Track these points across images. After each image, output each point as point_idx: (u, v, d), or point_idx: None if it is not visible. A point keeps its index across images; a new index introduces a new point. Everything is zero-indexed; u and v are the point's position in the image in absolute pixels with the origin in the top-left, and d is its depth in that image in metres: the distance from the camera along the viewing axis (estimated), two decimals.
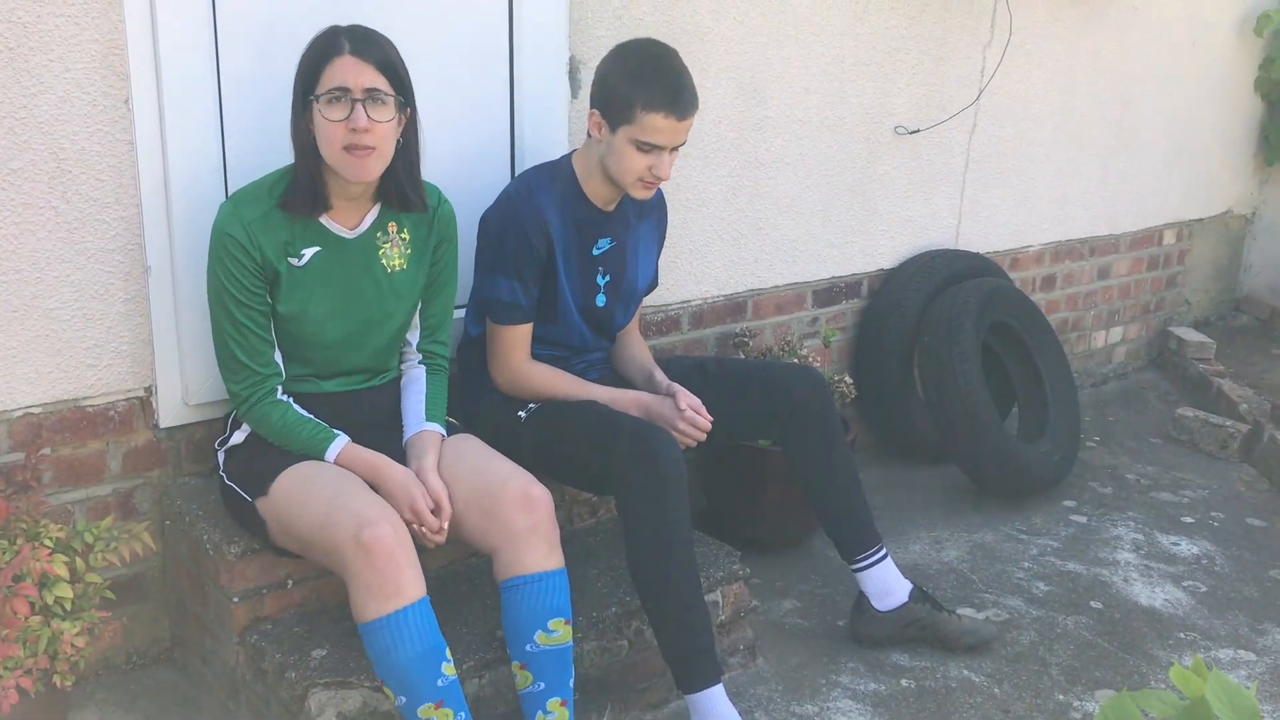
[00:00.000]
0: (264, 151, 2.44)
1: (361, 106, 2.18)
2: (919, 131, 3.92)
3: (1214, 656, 2.91)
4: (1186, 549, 3.52)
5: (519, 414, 2.63)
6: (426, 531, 2.24)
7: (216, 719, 2.51)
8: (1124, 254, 4.94)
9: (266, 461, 2.31)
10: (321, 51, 2.20)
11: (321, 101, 2.18)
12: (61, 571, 2.18)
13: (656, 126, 2.49)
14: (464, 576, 2.66)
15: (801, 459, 2.81)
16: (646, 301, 3.10)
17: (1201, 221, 5.33)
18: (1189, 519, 3.73)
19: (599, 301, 2.75)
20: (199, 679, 2.59)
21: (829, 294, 3.84)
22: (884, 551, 2.84)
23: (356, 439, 2.33)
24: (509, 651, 2.28)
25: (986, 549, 3.45)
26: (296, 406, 2.33)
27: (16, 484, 2.33)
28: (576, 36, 3.01)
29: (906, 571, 2.94)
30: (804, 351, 3.48)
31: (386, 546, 2.08)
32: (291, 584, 2.47)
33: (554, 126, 2.99)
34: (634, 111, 2.48)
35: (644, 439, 2.42)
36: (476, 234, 2.68)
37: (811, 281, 3.77)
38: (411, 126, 2.31)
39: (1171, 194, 5.08)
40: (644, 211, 2.82)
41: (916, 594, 2.85)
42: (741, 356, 3.43)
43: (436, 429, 2.42)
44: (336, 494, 2.18)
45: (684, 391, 2.65)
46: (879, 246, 3.94)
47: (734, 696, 2.50)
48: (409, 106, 2.28)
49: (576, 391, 2.66)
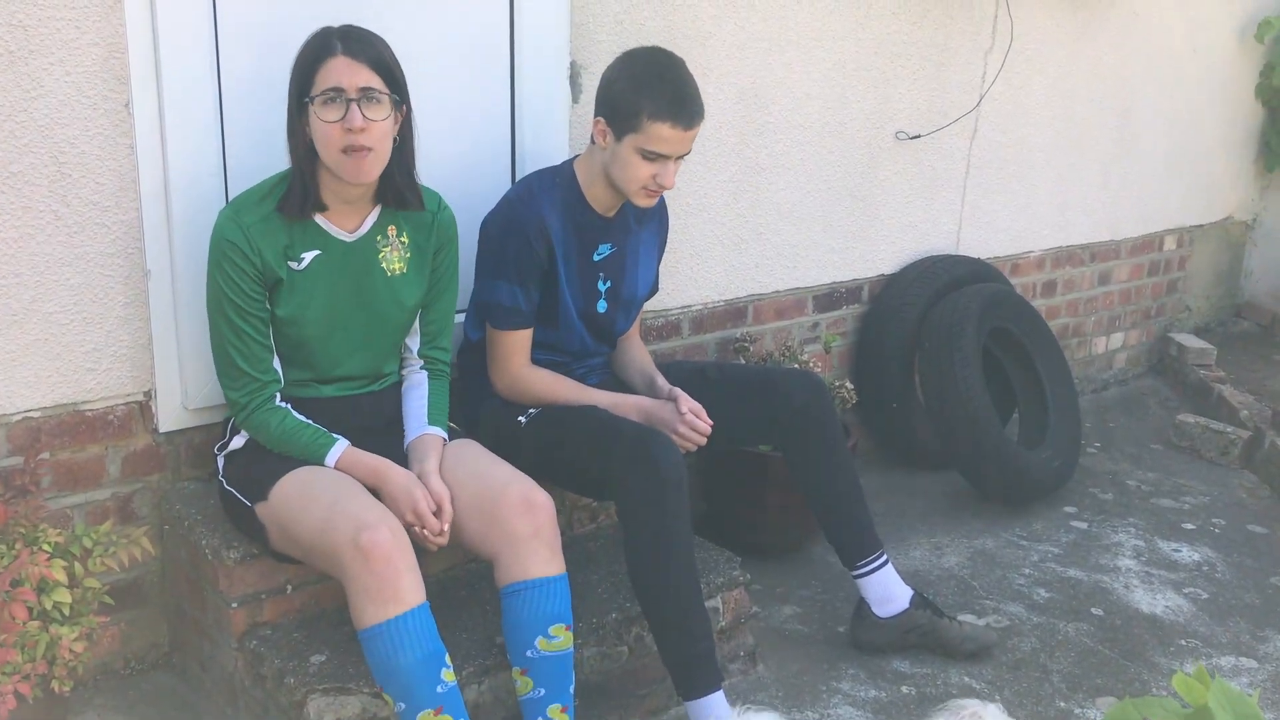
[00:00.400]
0: (264, 155, 2.43)
1: (356, 106, 2.17)
2: (920, 137, 3.91)
3: (1215, 664, 2.90)
4: (1188, 556, 3.51)
5: (519, 419, 2.63)
6: (428, 534, 2.24)
7: None
8: (1125, 260, 4.94)
9: (266, 466, 2.30)
10: (314, 53, 2.20)
11: (316, 103, 2.18)
12: (60, 576, 2.17)
13: (663, 136, 2.49)
14: (463, 582, 2.65)
15: (802, 464, 2.80)
16: (647, 306, 3.09)
17: (1202, 227, 5.33)
18: (1190, 525, 3.72)
19: (600, 307, 2.74)
20: (198, 684, 2.58)
21: (830, 299, 3.83)
22: (885, 557, 2.83)
23: (357, 444, 2.32)
24: (509, 657, 2.28)
25: (987, 555, 3.45)
26: (295, 413, 2.32)
27: (15, 488, 2.32)
28: (577, 41, 3.01)
29: (907, 578, 2.93)
30: (804, 357, 3.47)
31: (385, 551, 2.08)
32: (291, 589, 2.46)
33: (554, 131, 2.99)
34: (640, 120, 2.48)
35: (644, 444, 2.42)
36: (477, 238, 2.67)
37: (812, 287, 3.77)
38: (407, 125, 2.30)
39: (1172, 200, 5.07)
40: (645, 217, 2.81)
41: (917, 600, 2.85)
42: (742, 362, 3.43)
43: (438, 433, 2.42)
44: (336, 499, 2.18)
45: (685, 395, 2.64)
46: (880, 252, 3.94)
47: (734, 703, 2.49)
48: (404, 104, 2.28)
49: (577, 396, 2.65)
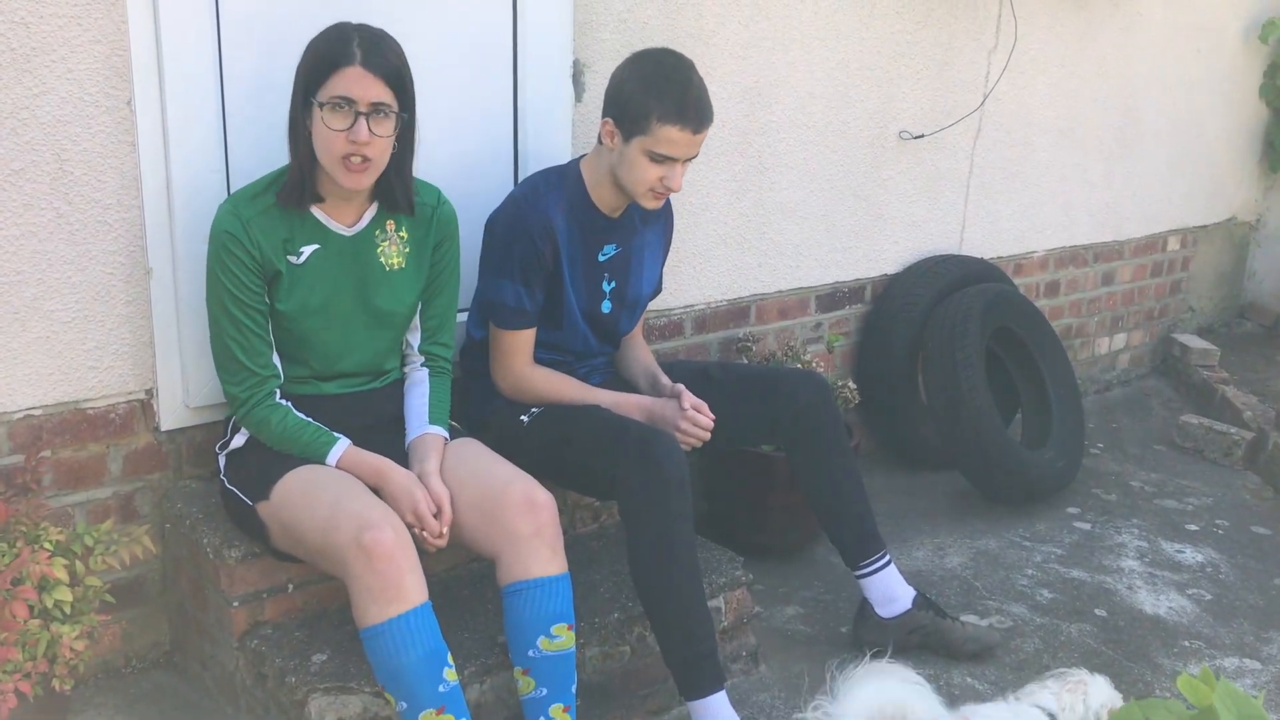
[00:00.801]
0: (267, 153, 2.43)
1: (365, 120, 2.16)
2: (923, 136, 3.91)
3: (1219, 665, 2.89)
4: (1191, 557, 3.50)
5: (522, 418, 2.62)
6: (428, 536, 2.23)
7: None
8: (1128, 260, 4.93)
9: (267, 465, 2.29)
10: (331, 56, 2.17)
11: (325, 109, 2.17)
12: (61, 575, 2.17)
13: (672, 139, 2.48)
14: (466, 581, 2.65)
15: (805, 464, 2.80)
16: (650, 306, 3.09)
17: (1206, 228, 5.32)
18: (1193, 526, 3.71)
19: (604, 308, 2.74)
20: (199, 683, 2.58)
21: (833, 299, 3.83)
22: (887, 558, 2.82)
23: (358, 442, 2.32)
24: (511, 657, 2.27)
25: (990, 555, 3.44)
26: (295, 411, 2.32)
27: (16, 486, 2.32)
28: (580, 40, 3.00)
29: (910, 578, 2.93)
30: (807, 357, 3.47)
31: (388, 550, 2.07)
32: (292, 588, 2.45)
33: (558, 130, 2.99)
34: (649, 123, 2.47)
35: (647, 444, 2.41)
36: (482, 237, 2.67)
37: (815, 286, 3.76)
38: (407, 130, 2.29)
39: (1176, 200, 5.07)
40: (650, 218, 2.81)
41: (920, 601, 2.84)
42: (745, 361, 3.42)
43: (439, 432, 2.41)
44: (338, 497, 2.17)
45: (688, 392, 2.64)
46: (883, 251, 3.93)
47: (737, 703, 2.49)
48: (409, 115, 2.27)
49: (580, 396, 2.65)
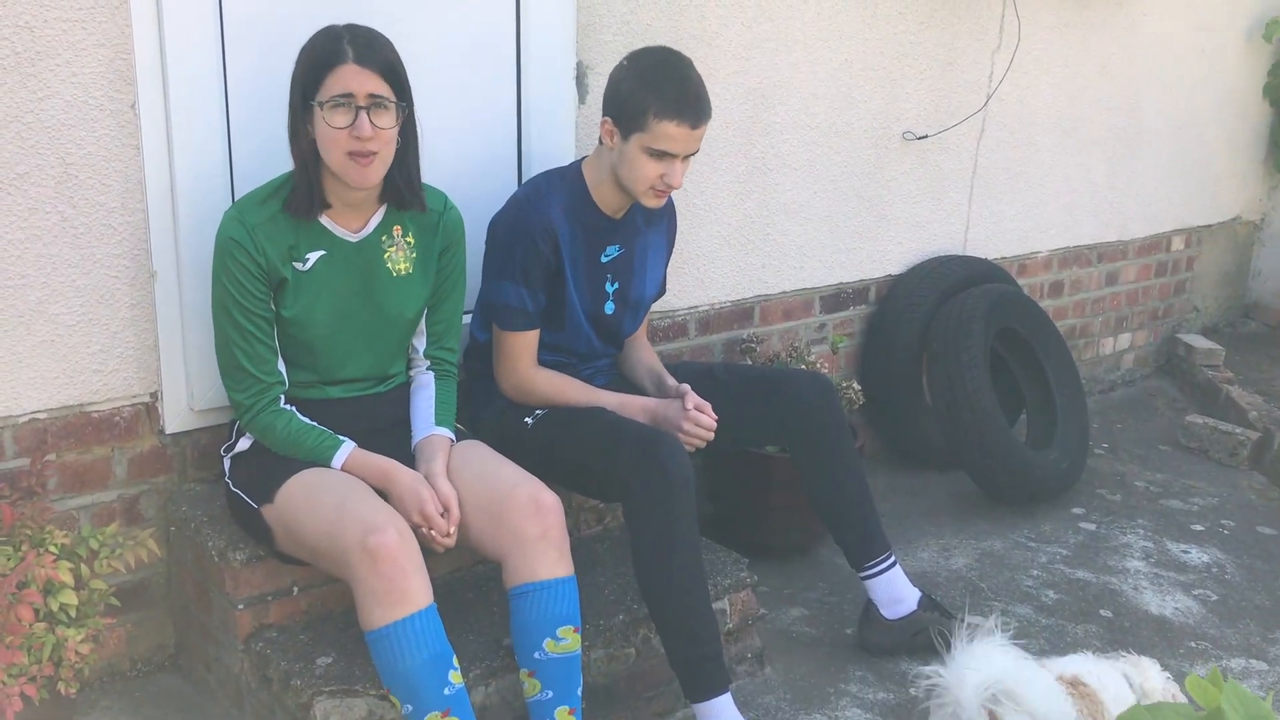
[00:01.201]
0: (270, 156, 2.43)
1: (365, 114, 2.17)
2: (927, 137, 3.90)
3: (1225, 666, 2.89)
4: (1197, 557, 3.49)
5: (526, 420, 2.62)
6: (436, 535, 2.23)
7: None
8: (1132, 260, 4.92)
9: (272, 468, 2.29)
10: (323, 57, 2.19)
11: (325, 109, 2.17)
12: (66, 578, 2.17)
13: (670, 134, 2.48)
14: (470, 583, 2.65)
15: (809, 466, 2.79)
16: (654, 307, 3.08)
17: (1210, 228, 5.31)
18: (1199, 527, 3.71)
19: (608, 309, 2.74)
20: (203, 686, 2.58)
21: (837, 300, 3.82)
22: (892, 559, 2.82)
23: (363, 445, 2.32)
24: (517, 659, 2.27)
25: (995, 557, 3.43)
26: (300, 415, 2.32)
27: (22, 490, 2.32)
28: (584, 42, 3.00)
29: (915, 579, 2.92)
30: (812, 358, 3.47)
31: (392, 553, 2.07)
32: (297, 591, 2.46)
33: (561, 132, 2.99)
34: (647, 119, 2.47)
35: (651, 445, 2.41)
36: (484, 239, 2.67)
37: (819, 287, 3.76)
38: (409, 125, 2.30)
39: (1179, 200, 5.06)
40: (653, 219, 2.81)
41: (925, 602, 2.84)
42: (749, 363, 3.42)
43: (445, 433, 2.41)
44: (343, 500, 2.17)
45: (692, 392, 2.64)
46: (887, 252, 3.93)
47: (742, 705, 2.49)
48: (408, 108, 2.27)
49: (583, 398, 2.64)
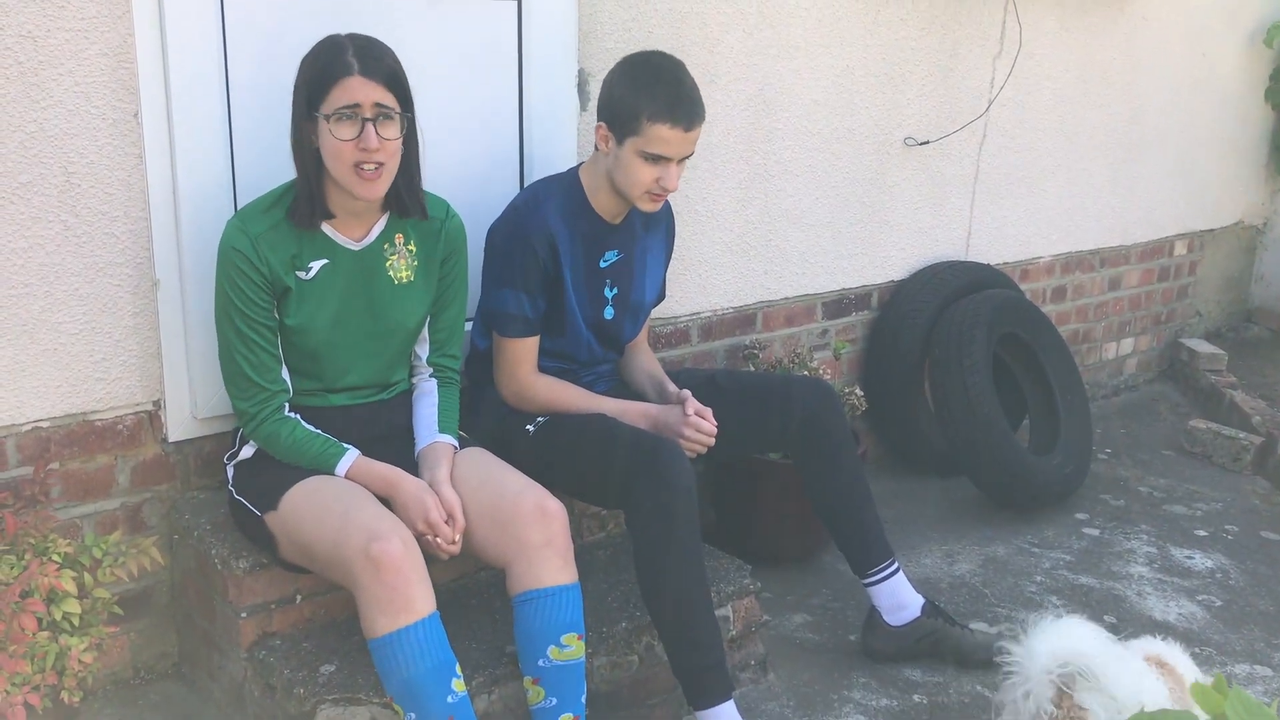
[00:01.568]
0: (273, 165, 2.44)
1: (372, 126, 2.18)
2: (929, 143, 3.91)
3: (1230, 672, 2.88)
4: (1201, 563, 3.49)
5: (527, 428, 2.62)
6: (440, 543, 2.23)
7: None
8: (1134, 265, 4.92)
9: (275, 476, 2.30)
10: (328, 68, 2.18)
11: (331, 120, 2.18)
12: (69, 587, 2.17)
13: (663, 137, 2.48)
14: (474, 590, 2.65)
15: (812, 472, 2.79)
16: (655, 313, 3.09)
17: (1212, 232, 5.32)
18: (1203, 532, 3.70)
19: (607, 314, 2.74)
20: (206, 695, 2.58)
21: (839, 306, 3.83)
22: (896, 565, 2.82)
23: (366, 453, 2.32)
24: (521, 666, 2.27)
25: (998, 562, 3.43)
26: (304, 423, 2.32)
27: (25, 498, 2.32)
28: (585, 49, 3.01)
29: (918, 585, 2.92)
30: (814, 364, 3.46)
31: (396, 561, 2.07)
32: (300, 599, 2.45)
33: (563, 139, 2.99)
34: (640, 123, 2.47)
35: (652, 452, 2.41)
36: (484, 246, 2.67)
37: (821, 293, 3.76)
38: (411, 133, 2.30)
39: (1182, 205, 5.06)
40: (651, 224, 2.81)
41: (929, 608, 2.84)
42: (751, 369, 3.42)
43: (449, 440, 2.42)
44: (346, 508, 2.17)
45: (692, 398, 2.64)
46: (889, 258, 3.93)
47: (745, 712, 2.48)
48: (411, 116, 2.28)
49: (584, 404, 2.64)
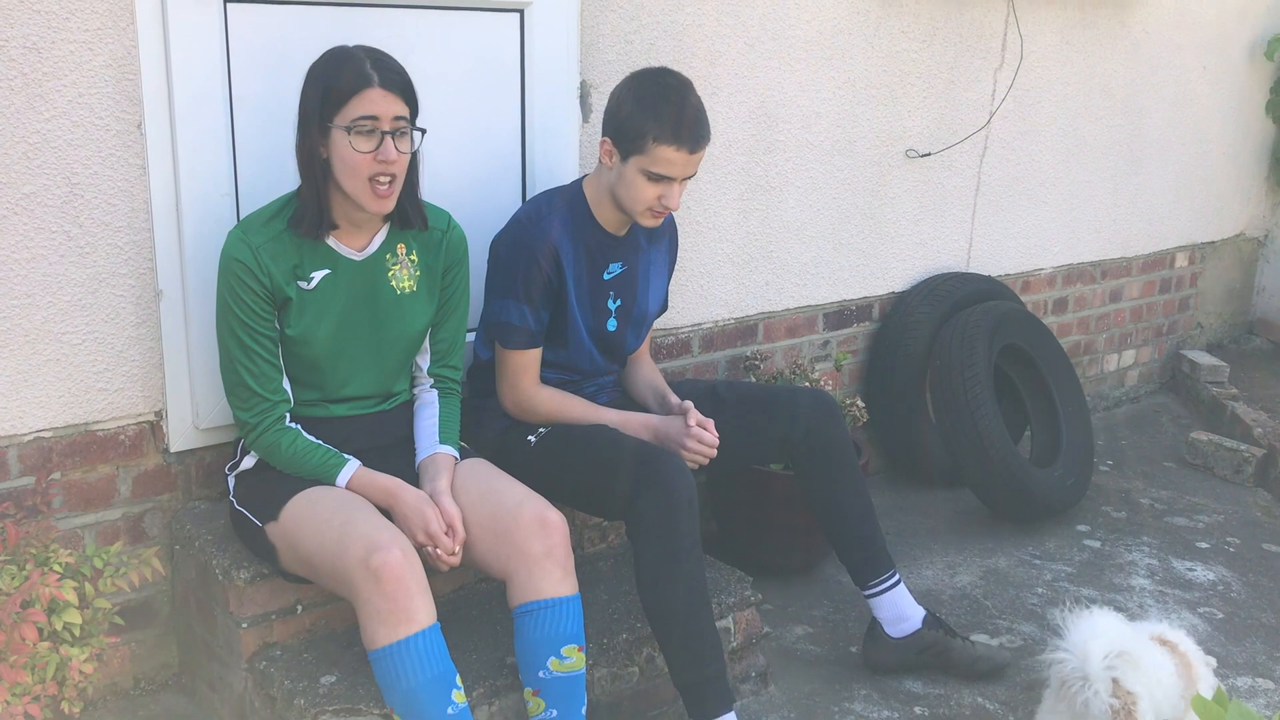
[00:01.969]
0: (276, 175, 2.45)
1: (391, 139, 2.19)
2: (930, 155, 3.91)
3: (1231, 684, 2.87)
4: (1202, 575, 3.49)
5: (529, 438, 2.62)
6: (441, 554, 2.23)
7: None
8: (1136, 277, 4.92)
9: (277, 486, 2.30)
10: (348, 80, 2.18)
11: (352, 134, 2.18)
12: (70, 597, 2.17)
13: (668, 158, 2.48)
14: (474, 601, 2.65)
15: (813, 483, 2.79)
16: (657, 324, 3.09)
17: (1214, 244, 5.32)
18: (1204, 544, 3.70)
19: (610, 326, 2.74)
20: (207, 705, 2.57)
21: (840, 317, 3.83)
22: (897, 577, 2.82)
23: (367, 463, 2.32)
24: (521, 678, 2.27)
25: (1000, 574, 3.43)
26: (305, 434, 2.32)
27: (26, 508, 2.32)
28: (587, 60, 3.02)
29: (919, 597, 2.92)
30: (815, 375, 3.47)
31: (397, 572, 2.07)
32: (301, 609, 2.45)
33: (565, 150, 3.00)
34: (645, 142, 2.48)
35: (654, 464, 2.41)
36: (487, 258, 2.68)
37: (822, 304, 3.77)
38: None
39: (1183, 217, 5.06)
40: (655, 236, 2.81)
41: (930, 620, 2.83)
42: (753, 380, 3.42)
43: (450, 451, 2.42)
44: (347, 519, 2.17)
45: (694, 409, 2.64)
46: (890, 269, 3.93)
47: None
48: (423, 130, 2.29)
49: (586, 415, 2.65)
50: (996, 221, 4.23)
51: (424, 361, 2.51)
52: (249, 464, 2.38)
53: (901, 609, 2.82)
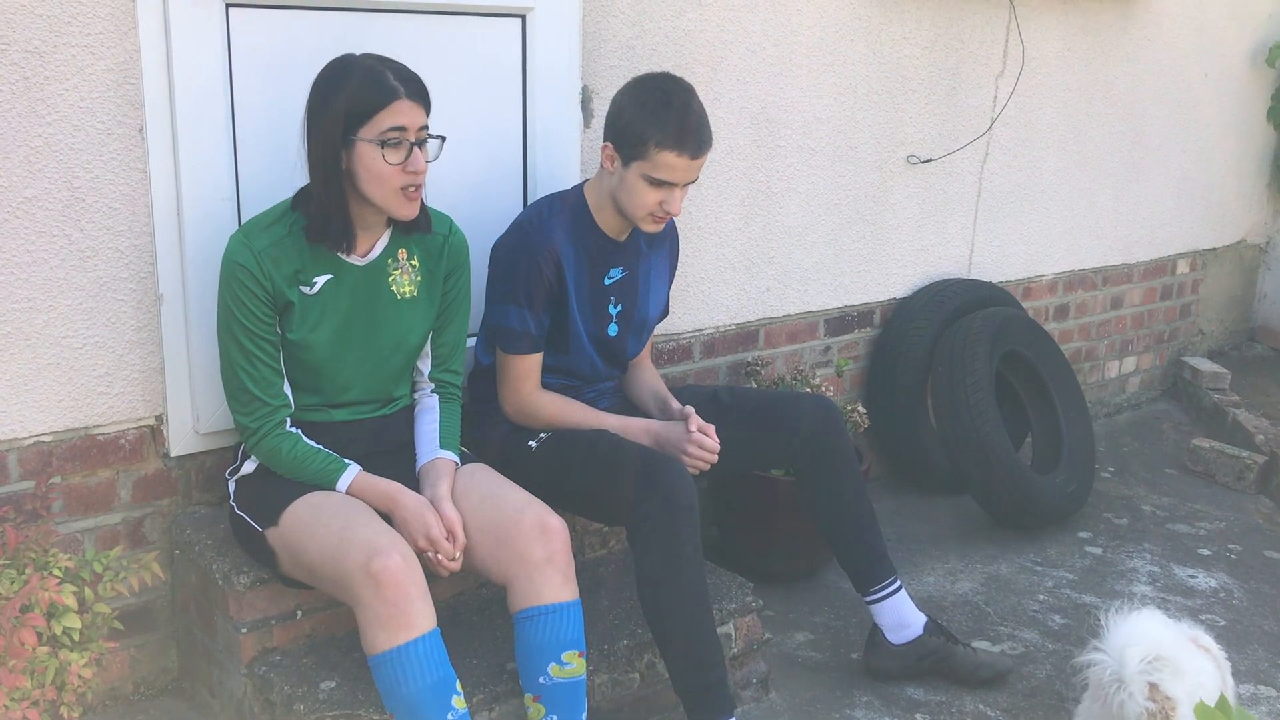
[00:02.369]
0: (277, 180, 2.44)
1: (419, 150, 2.20)
2: (931, 161, 3.91)
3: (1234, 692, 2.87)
4: (1204, 582, 3.48)
5: (529, 444, 2.62)
6: (441, 559, 2.23)
7: None
8: (1137, 283, 4.92)
9: (277, 491, 2.29)
10: (374, 93, 2.17)
11: (385, 147, 2.18)
12: (70, 602, 2.16)
13: (669, 164, 2.48)
14: (474, 606, 2.64)
15: (814, 489, 2.79)
16: (658, 330, 3.08)
17: (1215, 251, 5.32)
18: (1206, 551, 3.69)
19: (611, 331, 2.74)
20: (207, 710, 2.57)
21: (841, 323, 3.83)
22: (898, 583, 2.81)
23: (368, 468, 2.32)
24: (521, 683, 2.26)
25: (1001, 581, 3.42)
26: (306, 439, 2.32)
27: (26, 512, 2.32)
28: (589, 66, 3.02)
29: (920, 603, 2.91)
30: (817, 380, 3.46)
31: (397, 577, 2.07)
32: (301, 614, 2.45)
33: (567, 155, 3.00)
34: (647, 148, 2.48)
35: (655, 469, 2.41)
36: (488, 262, 2.67)
37: (824, 310, 3.76)
38: None
39: (1184, 223, 5.06)
40: (656, 241, 2.81)
41: (931, 627, 2.83)
42: (754, 386, 3.42)
43: (450, 456, 2.41)
44: (347, 524, 2.17)
45: (695, 414, 2.63)
46: (891, 275, 3.93)
47: None
48: (441, 138, 2.30)
49: (587, 420, 2.64)
50: (998, 228, 4.23)
51: (425, 366, 2.51)
52: (249, 469, 2.38)
53: (903, 615, 2.81)
